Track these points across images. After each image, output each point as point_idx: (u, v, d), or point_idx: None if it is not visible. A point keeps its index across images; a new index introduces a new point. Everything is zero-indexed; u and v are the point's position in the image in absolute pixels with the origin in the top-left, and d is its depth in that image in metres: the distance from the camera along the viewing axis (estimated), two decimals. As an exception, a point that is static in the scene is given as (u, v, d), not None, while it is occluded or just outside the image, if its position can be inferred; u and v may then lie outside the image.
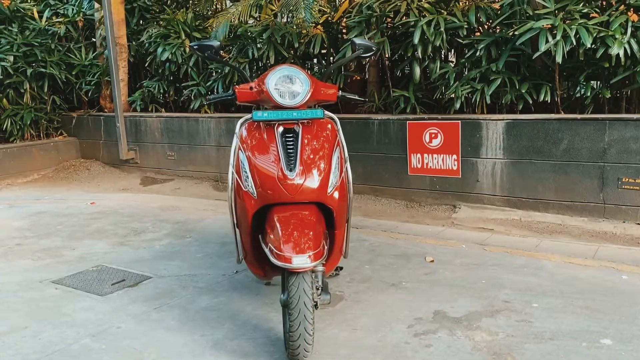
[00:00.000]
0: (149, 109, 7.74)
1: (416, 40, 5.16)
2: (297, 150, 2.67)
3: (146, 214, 5.60)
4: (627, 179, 4.55)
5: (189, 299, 3.42)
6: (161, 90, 7.61)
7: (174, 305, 3.33)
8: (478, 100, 5.12)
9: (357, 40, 3.10)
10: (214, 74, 7.05)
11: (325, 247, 2.52)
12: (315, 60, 6.94)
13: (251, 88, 2.87)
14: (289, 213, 2.60)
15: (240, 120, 2.86)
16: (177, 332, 2.98)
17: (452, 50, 5.86)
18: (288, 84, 2.76)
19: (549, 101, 4.91)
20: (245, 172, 2.71)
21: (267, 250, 2.48)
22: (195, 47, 3.04)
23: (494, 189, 5.15)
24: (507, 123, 5.00)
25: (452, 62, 5.88)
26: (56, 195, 6.69)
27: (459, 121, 5.19)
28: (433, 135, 5.33)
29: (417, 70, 5.45)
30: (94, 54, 8.24)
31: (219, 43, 3.07)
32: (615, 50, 4.37)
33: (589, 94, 4.70)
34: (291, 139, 2.72)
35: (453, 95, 5.20)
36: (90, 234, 4.92)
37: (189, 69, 7.19)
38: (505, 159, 5.04)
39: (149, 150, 7.69)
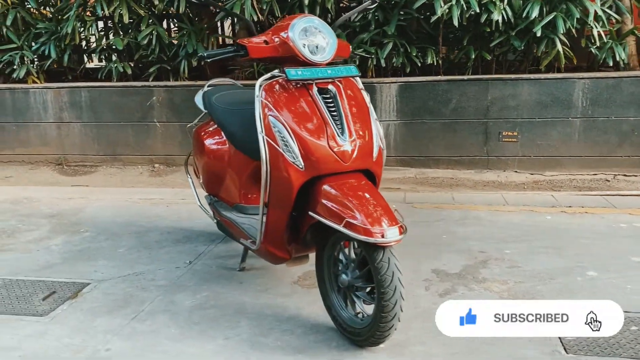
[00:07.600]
0: (-54, 80, 6.08)
1: (306, 1, 4.98)
2: (340, 112, 2.36)
3: (-4, 210, 4.46)
4: (506, 133, 5.12)
5: (164, 301, 2.84)
6: (-38, 56, 6.01)
7: (152, 312, 2.73)
8: (371, 63, 5.19)
9: None
10: (43, 34, 5.82)
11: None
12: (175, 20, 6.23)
13: (266, 42, 2.43)
14: (344, 182, 2.31)
15: (260, 81, 2.40)
16: (189, 341, 2.46)
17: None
18: (310, 37, 2.41)
19: (434, 64, 5.21)
20: (284, 139, 2.30)
21: (338, 227, 2.17)
22: None
23: (388, 150, 5.30)
24: (399, 86, 5.18)
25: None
26: None
27: (354, 85, 5.19)
28: (328, 99, 5.24)
29: (305, 33, 5.26)
30: None
31: None
32: (496, 16, 4.82)
33: (472, 57, 5.12)
34: (329, 100, 2.39)
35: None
36: (-64, 243, 3.73)
37: (5, 30, 5.81)
38: (399, 120, 5.24)
39: (-48, 132, 6.06)
